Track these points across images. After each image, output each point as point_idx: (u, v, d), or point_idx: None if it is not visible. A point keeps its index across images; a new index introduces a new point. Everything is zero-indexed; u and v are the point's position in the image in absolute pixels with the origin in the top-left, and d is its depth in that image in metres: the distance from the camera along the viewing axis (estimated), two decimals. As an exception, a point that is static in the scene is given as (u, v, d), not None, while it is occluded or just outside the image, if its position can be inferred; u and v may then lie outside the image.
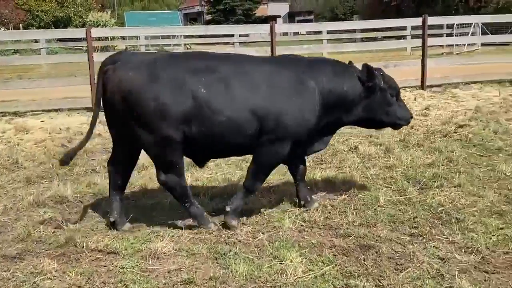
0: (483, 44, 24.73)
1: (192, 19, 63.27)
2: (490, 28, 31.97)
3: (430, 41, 11.97)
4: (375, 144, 6.82)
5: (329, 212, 4.53)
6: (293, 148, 4.23)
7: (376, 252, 3.73)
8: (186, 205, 4.16)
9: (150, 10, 70.27)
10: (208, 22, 50.83)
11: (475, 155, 6.23)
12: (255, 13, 51.51)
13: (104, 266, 3.61)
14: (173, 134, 3.86)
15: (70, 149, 4.25)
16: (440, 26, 25.61)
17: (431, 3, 39.12)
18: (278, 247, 3.81)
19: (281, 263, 3.57)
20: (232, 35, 24.81)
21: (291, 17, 63.67)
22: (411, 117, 4.65)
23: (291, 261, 3.57)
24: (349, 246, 3.83)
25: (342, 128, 4.82)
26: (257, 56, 4.84)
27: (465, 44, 23.59)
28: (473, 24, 26.62)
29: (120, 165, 4.28)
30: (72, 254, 3.80)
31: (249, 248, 3.86)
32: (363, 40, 28.54)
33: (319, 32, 25.33)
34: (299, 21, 59.53)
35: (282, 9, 66.24)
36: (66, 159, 4.09)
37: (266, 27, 11.11)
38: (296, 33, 42.00)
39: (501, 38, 17.72)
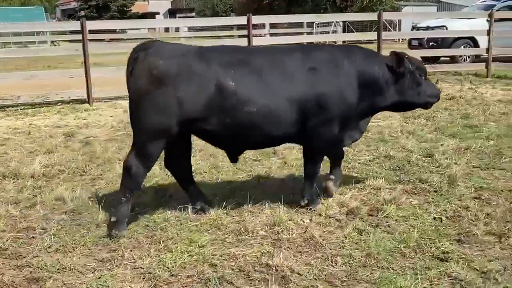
0: (351, 42, 25.60)
1: (69, 15, 60.16)
2: (356, 27, 33.47)
3: (256, 40, 11.87)
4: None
5: (33, 237, 3.98)
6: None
7: (41, 287, 3.23)
8: (123, 199, 3.99)
9: (30, 5, 66.36)
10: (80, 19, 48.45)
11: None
12: (131, 9, 49.92)
13: None
14: (175, 129, 3.87)
15: None
16: (300, 24, 26.02)
17: (302, 2, 40.04)
18: None
19: None
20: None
21: (172, 14, 62.55)
22: (440, 91, 4.80)
23: None
24: (13, 281, 3.30)
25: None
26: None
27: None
28: (333, 23, 27.57)
29: (176, 157, 4.36)
30: None
31: None
32: (240, 36, 28.62)
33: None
34: (180, 18, 58.60)
35: (164, 5, 65.01)
36: None
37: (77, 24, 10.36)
38: (177, 29, 41.27)
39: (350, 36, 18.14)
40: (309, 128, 4.16)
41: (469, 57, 16.02)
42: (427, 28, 17.46)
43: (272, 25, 25.25)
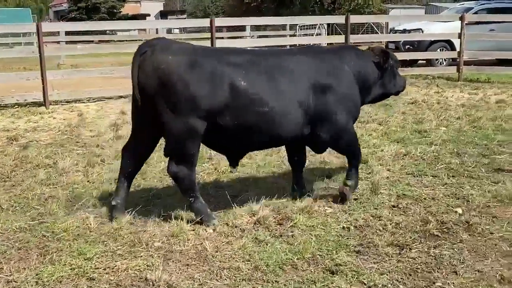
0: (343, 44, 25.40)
1: (62, 16, 60.04)
2: (343, 29, 33.40)
3: (219, 42, 11.75)
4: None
5: None
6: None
7: None
8: (191, 199, 4.09)
9: (24, 6, 66.32)
10: (70, 20, 48.24)
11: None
12: (121, 11, 49.74)
13: None
14: (200, 126, 3.85)
15: None
16: (284, 27, 25.88)
17: (290, 4, 39.93)
18: None
19: None
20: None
21: (163, 16, 62.46)
22: (405, 79, 5.12)
23: None
24: None
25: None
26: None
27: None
28: (317, 25, 27.45)
29: (136, 153, 4.22)
30: None
31: None
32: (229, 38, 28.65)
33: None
34: (172, 20, 58.41)
35: (157, 7, 64.95)
36: None
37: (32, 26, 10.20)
38: (169, 31, 41.21)
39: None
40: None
41: (445, 60, 15.87)
42: (404, 31, 17.35)
43: (255, 27, 25.07)
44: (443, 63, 15.83)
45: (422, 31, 16.38)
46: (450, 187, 5.01)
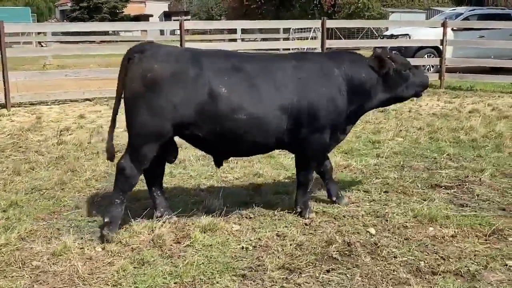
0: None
1: (68, 16, 60.32)
2: (343, 33, 33.16)
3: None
4: None
5: None
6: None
7: None
8: (116, 200, 3.94)
9: (34, 5, 66.87)
10: (73, 20, 48.39)
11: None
12: (123, 11, 49.81)
13: None
14: (168, 131, 3.85)
15: (107, 146, 4.10)
16: (277, 30, 25.63)
17: (290, 6, 39.71)
18: None
19: None
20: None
21: (167, 17, 62.54)
22: (427, 78, 4.80)
23: None
24: None
25: None
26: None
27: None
28: (313, 29, 27.20)
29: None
30: None
31: None
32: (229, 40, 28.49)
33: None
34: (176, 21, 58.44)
35: (161, 8, 65.07)
36: (111, 156, 4.09)
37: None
38: (172, 32, 41.08)
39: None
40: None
41: (433, 66, 15.57)
42: (391, 36, 17.09)
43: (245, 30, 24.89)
44: (430, 70, 15.54)
45: (410, 37, 16.12)
46: (376, 204, 4.76)
